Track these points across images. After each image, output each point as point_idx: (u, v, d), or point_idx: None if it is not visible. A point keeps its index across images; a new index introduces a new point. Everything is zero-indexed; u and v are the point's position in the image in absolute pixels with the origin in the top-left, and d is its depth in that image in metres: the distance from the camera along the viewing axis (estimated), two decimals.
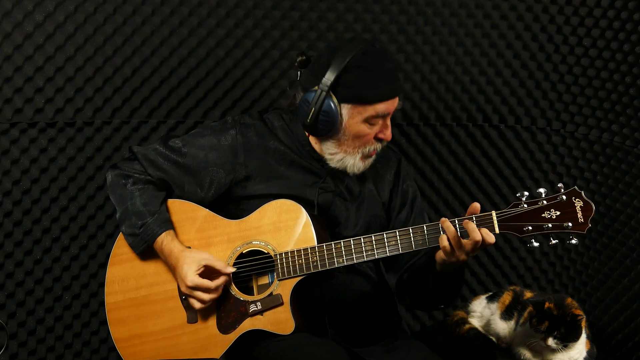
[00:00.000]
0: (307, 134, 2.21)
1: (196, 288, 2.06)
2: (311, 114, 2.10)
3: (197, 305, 2.09)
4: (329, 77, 2.07)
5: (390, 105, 2.12)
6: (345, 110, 2.11)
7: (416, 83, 2.78)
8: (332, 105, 2.08)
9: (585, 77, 2.79)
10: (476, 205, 1.98)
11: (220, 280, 2.07)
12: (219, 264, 2.08)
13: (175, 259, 2.10)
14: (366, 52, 2.10)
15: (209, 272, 2.08)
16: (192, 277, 2.06)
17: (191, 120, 2.67)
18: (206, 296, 2.07)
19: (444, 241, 1.96)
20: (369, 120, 2.11)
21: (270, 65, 2.66)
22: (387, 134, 2.16)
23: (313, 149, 2.22)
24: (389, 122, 2.16)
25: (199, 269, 2.07)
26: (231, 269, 2.08)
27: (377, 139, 2.16)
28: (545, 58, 2.81)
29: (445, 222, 1.96)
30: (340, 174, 2.23)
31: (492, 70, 2.82)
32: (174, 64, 2.60)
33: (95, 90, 2.56)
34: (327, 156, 2.19)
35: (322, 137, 2.17)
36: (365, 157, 2.18)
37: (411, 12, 2.71)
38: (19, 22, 2.44)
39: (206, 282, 2.05)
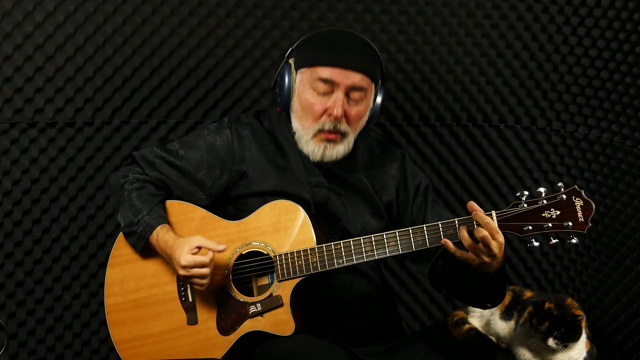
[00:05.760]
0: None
1: (192, 266, 2.02)
2: (273, 80, 2.23)
3: (200, 282, 2.03)
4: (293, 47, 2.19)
5: (336, 75, 2.10)
6: (299, 76, 2.16)
7: (416, 83, 2.78)
8: (287, 69, 2.17)
9: (585, 77, 2.79)
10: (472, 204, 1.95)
11: (212, 254, 2.02)
12: (211, 244, 2.03)
13: (171, 248, 2.08)
14: (337, 31, 2.19)
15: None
16: (185, 255, 2.02)
17: (191, 120, 2.67)
18: (205, 270, 2.02)
19: (448, 244, 1.95)
20: (314, 86, 2.12)
21: (269, 65, 2.66)
22: (336, 111, 2.11)
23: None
24: (339, 99, 2.11)
25: (192, 251, 2.03)
26: (222, 247, 2.04)
27: (328, 115, 2.12)
28: (545, 58, 2.81)
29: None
30: (332, 169, 2.22)
31: (492, 70, 2.82)
32: (174, 64, 2.60)
33: (95, 90, 2.56)
34: (295, 138, 2.19)
35: (284, 107, 2.20)
36: (320, 139, 2.15)
37: (411, 12, 2.71)
38: (19, 22, 2.44)
39: (199, 258, 2.01)
